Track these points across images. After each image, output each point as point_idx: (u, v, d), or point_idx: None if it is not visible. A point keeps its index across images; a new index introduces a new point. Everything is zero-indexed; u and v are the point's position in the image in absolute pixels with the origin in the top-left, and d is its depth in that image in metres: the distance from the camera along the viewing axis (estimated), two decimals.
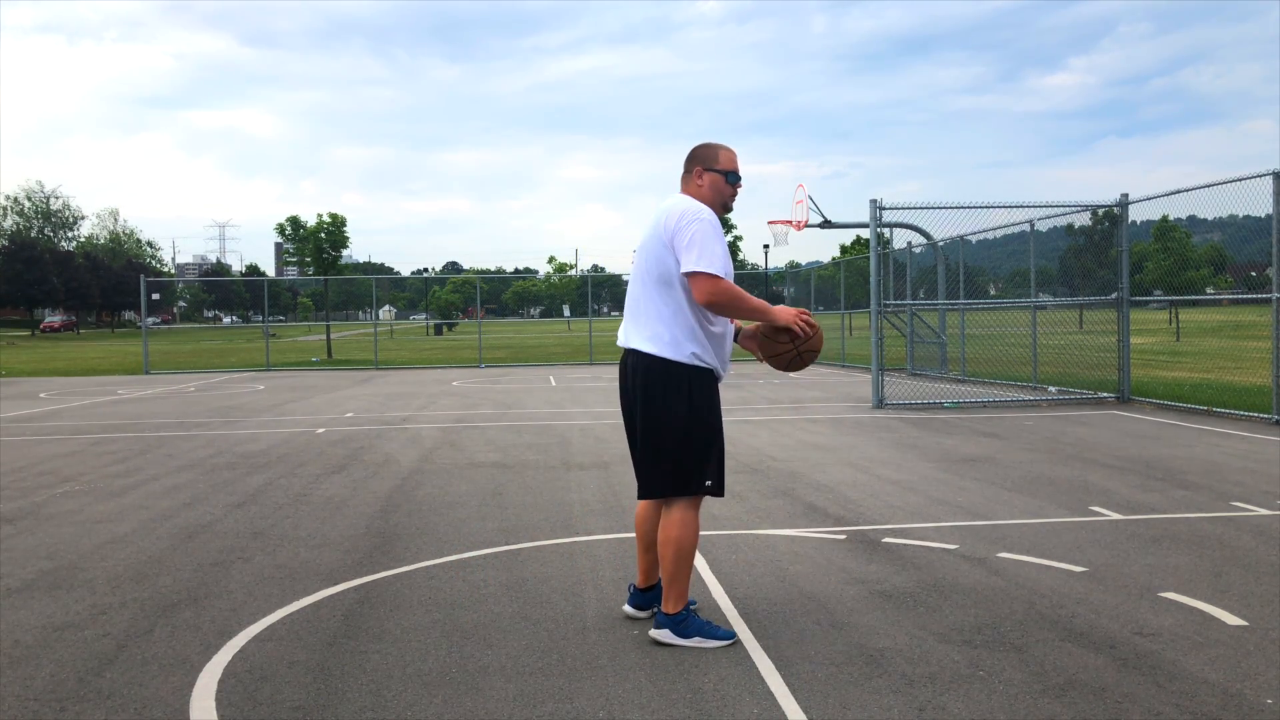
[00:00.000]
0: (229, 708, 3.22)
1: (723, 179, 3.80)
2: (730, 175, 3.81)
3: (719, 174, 3.79)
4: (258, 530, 5.84)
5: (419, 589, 4.55)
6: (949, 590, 4.38)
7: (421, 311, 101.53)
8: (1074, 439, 9.29)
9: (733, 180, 3.82)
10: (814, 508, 6.24)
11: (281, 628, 4.01)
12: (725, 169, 3.80)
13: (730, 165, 3.81)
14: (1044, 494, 6.58)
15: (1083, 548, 5.10)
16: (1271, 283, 10.24)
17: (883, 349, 13.36)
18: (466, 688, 3.36)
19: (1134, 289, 13.30)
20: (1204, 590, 4.31)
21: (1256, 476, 7.11)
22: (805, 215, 19.73)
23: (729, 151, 3.84)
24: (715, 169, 3.80)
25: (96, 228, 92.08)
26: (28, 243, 72.77)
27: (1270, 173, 10.14)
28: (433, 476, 7.72)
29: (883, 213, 13.30)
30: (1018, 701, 3.16)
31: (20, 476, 8.05)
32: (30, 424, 12.36)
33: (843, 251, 45.54)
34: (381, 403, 14.78)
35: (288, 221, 32.58)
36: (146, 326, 27.52)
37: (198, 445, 9.90)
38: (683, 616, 3.72)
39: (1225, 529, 5.48)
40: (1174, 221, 21.20)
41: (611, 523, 5.86)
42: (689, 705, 3.19)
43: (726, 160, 3.81)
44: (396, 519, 6.12)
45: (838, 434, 9.98)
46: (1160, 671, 3.39)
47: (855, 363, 21.72)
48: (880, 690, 3.27)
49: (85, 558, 5.24)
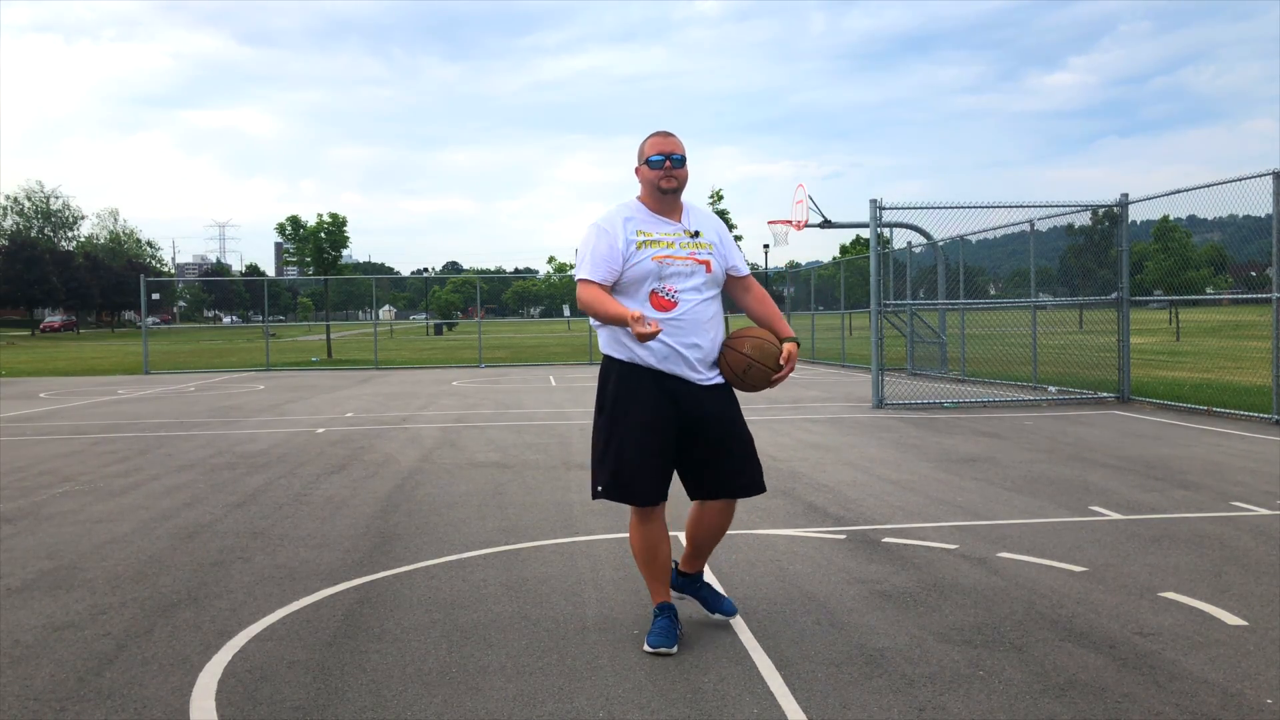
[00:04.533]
0: (229, 708, 3.22)
1: (646, 167, 3.75)
2: (650, 160, 3.73)
3: (643, 165, 3.77)
4: (258, 530, 5.84)
5: (419, 589, 4.55)
6: (949, 590, 4.38)
7: (421, 311, 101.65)
8: (1074, 439, 9.28)
9: (653, 164, 3.72)
10: (814, 507, 6.24)
11: (281, 628, 4.01)
12: (645, 156, 3.76)
13: (650, 150, 3.74)
14: (1044, 494, 6.58)
15: (1083, 548, 5.10)
16: (1271, 283, 10.24)
17: (883, 349, 13.35)
18: (466, 688, 3.36)
19: (1134, 289, 13.30)
20: (1204, 590, 4.31)
21: (1256, 476, 7.11)
22: (805, 215, 19.74)
23: (653, 138, 3.78)
24: (640, 162, 3.80)
25: (96, 228, 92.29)
26: (28, 243, 72.81)
27: (1270, 172, 10.13)
28: (433, 476, 7.72)
29: (883, 212, 13.29)
30: (1018, 701, 3.16)
31: (20, 476, 8.05)
32: (30, 424, 12.36)
33: (843, 251, 45.53)
34: (381, 403, 14.78)
35: (288, 221, 32.56)
36: (146, 326, 27.52)
37: (198, 445, 9.90)
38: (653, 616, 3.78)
39: (1225, 529, 5.48)
40: (1174, 221, 21.21)
41: (611, 523, 5.86)
42: (689, 705, 3.19)
43: (648, 147, 3.76)
44: (396, 519, 6.12)
45: (838, 434, 9.98)
46: (1160, 671, 3.39)
47: (855, 362, 21.72)
48: (880, 690, 3.27)
49: (85, 558, 5.24)
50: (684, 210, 3.82)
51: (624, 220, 3.70)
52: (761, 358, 3.68)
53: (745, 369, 3.69)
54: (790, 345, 3.72)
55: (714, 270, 3.75)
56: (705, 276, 3.72)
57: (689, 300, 3.68)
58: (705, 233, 3.79)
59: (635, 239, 3.68)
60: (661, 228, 3.73)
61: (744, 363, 3.68)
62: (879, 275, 13.20)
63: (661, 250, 3.67)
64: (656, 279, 3.66)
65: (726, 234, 3.89)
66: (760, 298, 3.94)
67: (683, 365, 3.68)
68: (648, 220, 3.74)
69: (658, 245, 3.68)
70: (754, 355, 3.68)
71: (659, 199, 3.74)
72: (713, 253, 3.76)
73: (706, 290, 3.73)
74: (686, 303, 3.68)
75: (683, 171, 3.75)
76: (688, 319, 3.67)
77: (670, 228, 3.74)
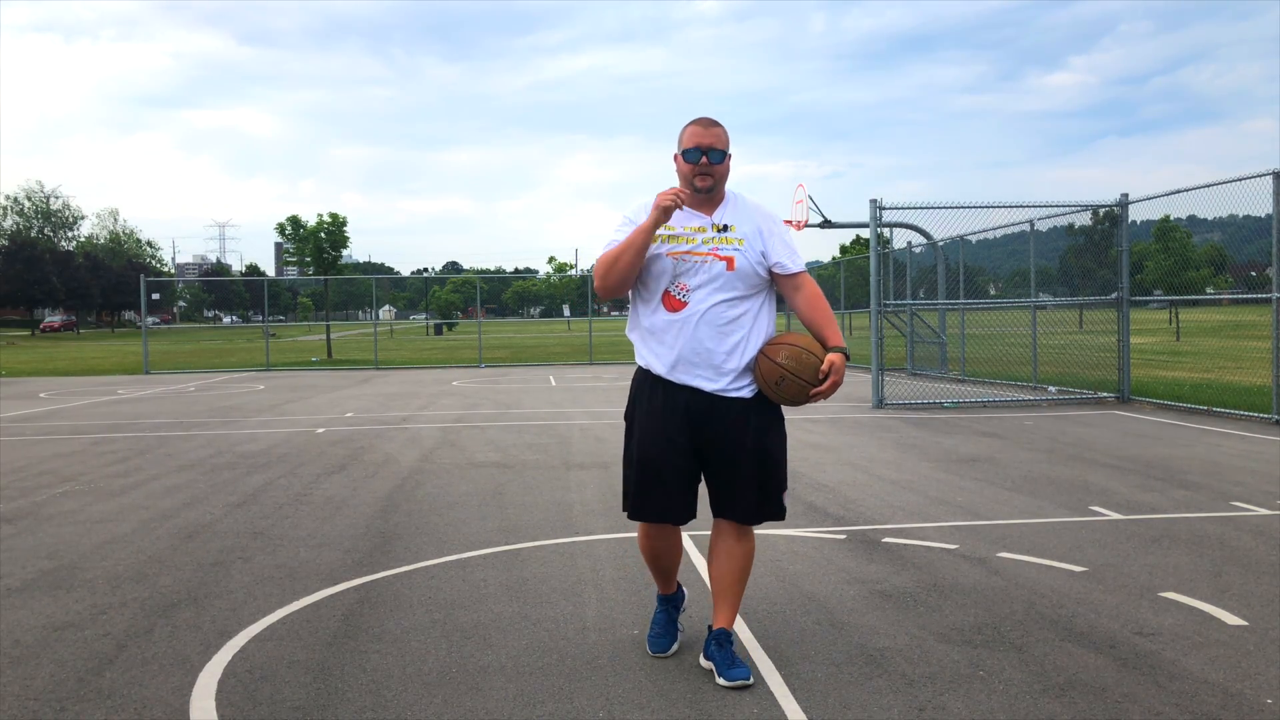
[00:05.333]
0: (229, 708, 3.22)
1: (681, 159, 3.46)
2: (686, 153, 3.42)
3: (679, 156, 3.48)
4: (258, 530, 5.84)
5: (419, 589, 4.55)
6: (949, 590, 4.38)
7: (421, 311, 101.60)
8: (1074, 439, 9.28)
9: (688, 157, 3.42)
10: (814, 507, 6.24)
11: (281, 628, 4.01)
12: (682, 146, 3.45)
13: (688, 141, 3.42)
14: (1044, 494, 6.58)
15: (1083, 547, 5.10)
16: (1271, 283, 10.24)
17: (883, 349, 13.36)
18: (466, 688, 3.36)
19: (1134, 289, 13.30)
20: (1204, 590, 4.31)
21: (1256, 476, 7.11)
22: (805, 215, 19.75)
23: (693, 127, 3.45)
24: (678, 149, 3.49)
25: (96, 228, 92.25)
26: (28, 243, 72.78)
27: (1270, 172, 10.13)
28: (433, 476, 7.72)
29: (883, 212, 13.30)
30: (1018, 701, 3.16)
31: (20, 476, 8.05)
32: (30, 424, 12.36)
33: (843, 251, 45.57)
34: (381, 403, 14.78)
35: (288, 221, 32.54)
36: (146, 326, 27.53)
37: (198, 445, 9.90)
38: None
39: (1225, 529, 5.48)
40: (1174, 221, 21.21)
41: (611, 523, 5.86)
42: (689, 705, 3.19)
43: (686, 137, 3.44)
44: (396, 519, 6.12)
45: (838, 434, 9.98)
46: (1160, 671, 3.39)
47: (855, 363, 21.63)
48: (880, 690, 3.27)
49: (85, 558, 5.24)
50: (724, 202, 3.50)
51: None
52: (798, 369, 3.31)
53: (778, 380, 3.33)
54: (835, 356, 3.31)
55: (739, 267, 3.38)
56: (726, 274, 3.38)
57: (702, 300, 3.37)
58: (739, 226, 3.44)
59: (659, 232, 3.41)
60: (688, 222, 3.43)
61: (777, 373, 3.32)
62: (879, 275, 13.20)
63: (680, 246, 3.39)
64: (671, 277, 3.40)
65: (775, 227, 3.51)
66: (811, 299, 3.49)
67: (694, 374, 3.39)
68: (677, 214, 3.43)
69: (676, 241, 3.40)
70: (789, 366, 3.32)
71: (693, 194, 3.43)
72: (742, 248, 3.40)
73: (728, 289, 3.38)
74: (699, 302, 3.37)
75: (722, 168, 3.43)
76: (698, 320, 3.37)
77: (698, 222, 3.44)
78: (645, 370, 3.49)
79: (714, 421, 3.39)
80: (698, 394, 3.40)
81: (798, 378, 3.30)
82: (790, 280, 3.49)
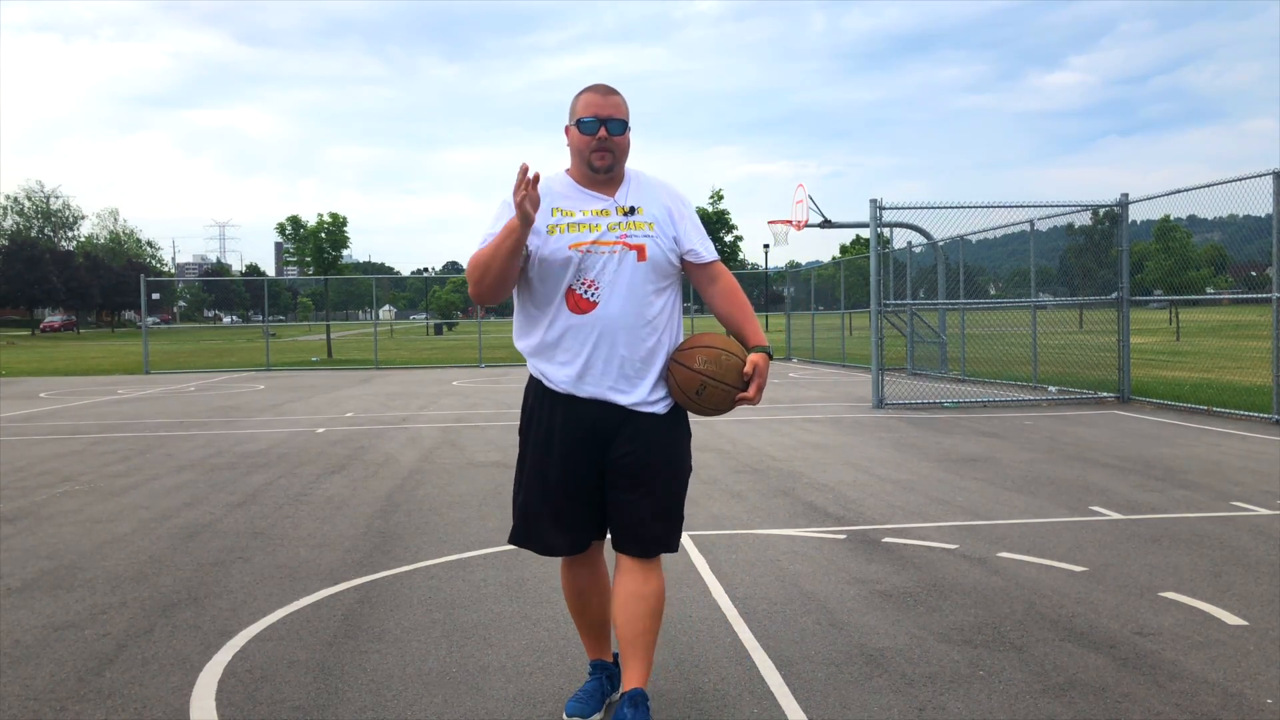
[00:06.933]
0: (229, 708, 3.22)
1: (575, 130, 2.91)
2: (582, 122, 2.88)
3: (573, 126, 2.92)
4: (258, 530, 5.84)
5: (419, 589, 4.55)
6: (949, 590, 4.38)
7: (421, 311, 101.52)
8: (1074, 439, 9.28)
9: (585, 129, 2.87)
10: (814, 507, 6.24)
11: (281, 628, 4.01)
12: (576, 115, 2.91)
13: (582, 110, 2.89)
14: (1044, 494, 6.58)
15: (1083, 547, 5.10)
16: (1271, 282, 10.24)
17: (883, 349, 13.35)
18: (466, 688, 3.36)
19: (1134, 289, 13.30)
20: (1204, 590, 4.31)
21: (1256, 476, 7.11)
22: (805, 215, 19.76)
23: (587, 94, 2.92)
24: (569, 121, 2.95)
25: (96, 227, 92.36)
26: (28, 242, 72.79)
27: (1270, 172, 10.13)
28: (433, 476, 7.72)
29: (883, 212, 13.29)
30: (1018, 701, 3.16)
31: (20, 476, 8.05)
32: (30, 424, 12.36)
33: (843, 251, 45.55)
34: (381, 402, 14.78)
35: (288, 221, 32.59)
36: (146, 326, 27.51)
37: (198, 445, 9.90)
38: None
39: (1225, 529, 5.48)
40: (1174, 221, 21.20)
41: None
42: (689, 705, 3.19)
43: (580, 105, 2.91)
44: (396, 519, 6.12)
45: (838, 434, 9.98)
46: (1160, 671, 3.39)
47: (855, 362, 21.71)
48: (880, 690, 3.27)
49: (85, 558, 5.24)
50: (625, 181, 2.98)
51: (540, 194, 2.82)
52: (720, 373, 2.87)
53: (699, 389, 2.88)
54: (757, 356, 2.88)
55: (652, 256, 2.89)
56: (637, 265, 2.88)
57: (615, 298, 2.87)
58: (647, 207, 2.94)
59: (550, 219, 2.87)
60: (587, 204, 2.91)
61: (697, 382, 2.87)
62: (879, 275, 13.20)
63: (582, 235, 2.86)
64: (575, 272, 2.87)
65: (684, 208, 3.02)
66: (728, 292, 3.02)
67: (603, 385, 2.89)
68: (571, 194, 2.93)
69: (578, 229, 2.87)
70: (710, 371, 2.87)
71: (589, 173, 2.92)
72: (652, 233, 2.91)
73: (643, 284, 2.89)
74: (611, 301, 2.87)
75: (623, 140, 2.90)
76: (611, 322, 2.86)
77: (599, 204, 2.91)
78: (541, 384, 2.98)
79: (624, 440, 2.92)
80: (608, 408, 2.91)
81: (721, 383, 2.87)
82: (705, 270, 3.03)
